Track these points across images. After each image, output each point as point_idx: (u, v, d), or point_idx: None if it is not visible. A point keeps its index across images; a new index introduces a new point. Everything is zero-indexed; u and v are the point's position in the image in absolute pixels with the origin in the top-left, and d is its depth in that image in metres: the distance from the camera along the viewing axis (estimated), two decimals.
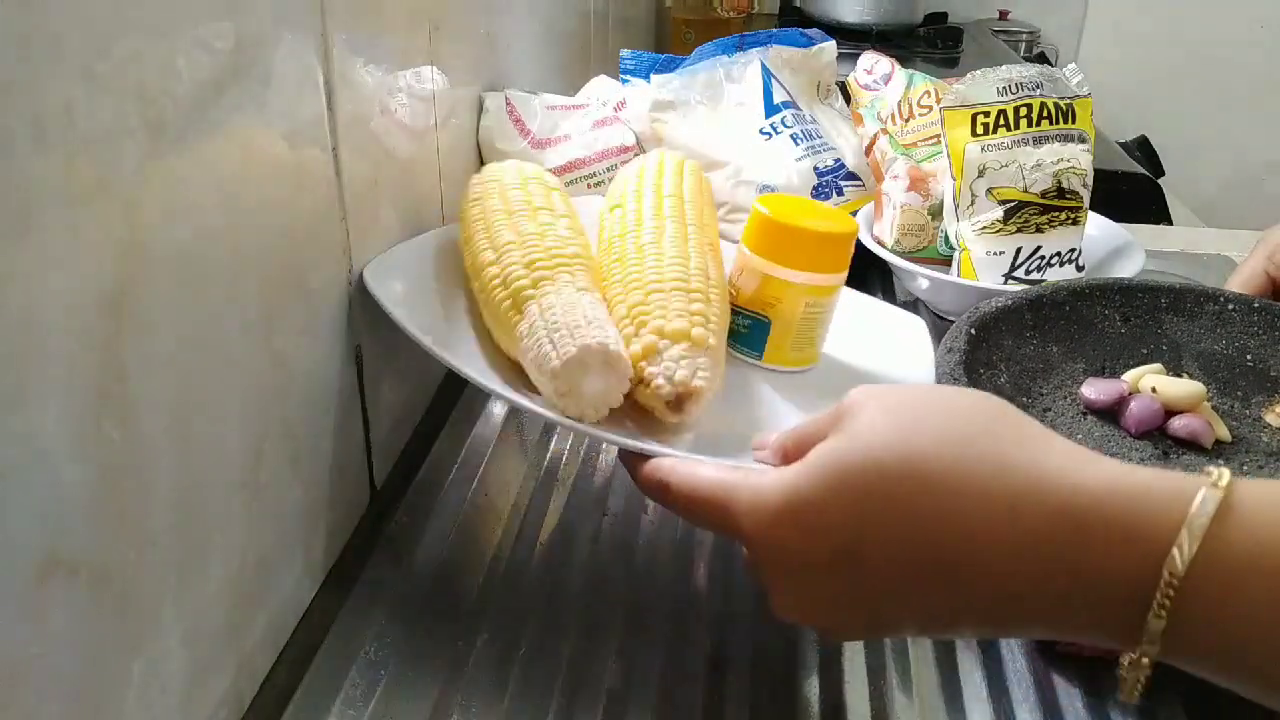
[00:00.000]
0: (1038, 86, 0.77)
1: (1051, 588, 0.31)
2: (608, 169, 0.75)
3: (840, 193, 0.77)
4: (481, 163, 0.73)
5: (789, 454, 0.39)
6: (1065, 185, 0.71)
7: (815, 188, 0.76)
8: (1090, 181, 0.72)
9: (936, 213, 0.75)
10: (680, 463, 0.40)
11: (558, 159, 0.73)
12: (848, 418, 0.35)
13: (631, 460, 0.42)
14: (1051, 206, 0.70)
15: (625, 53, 0.81)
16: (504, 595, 0.48)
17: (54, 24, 0.27)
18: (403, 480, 0.56)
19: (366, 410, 0.52)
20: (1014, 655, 0.44)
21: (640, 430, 0.46)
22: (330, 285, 0.47)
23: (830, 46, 0.86)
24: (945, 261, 0.74)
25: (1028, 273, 0.70)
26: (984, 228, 0.70)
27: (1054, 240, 0.70)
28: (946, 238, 0.74)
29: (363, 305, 0.50)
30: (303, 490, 0.45)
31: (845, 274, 0.55)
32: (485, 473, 0.56)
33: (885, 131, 0.84)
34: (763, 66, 0.81)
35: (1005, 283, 0.70)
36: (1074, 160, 0.76)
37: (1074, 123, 0.77)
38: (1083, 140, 0.77)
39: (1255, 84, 2.05)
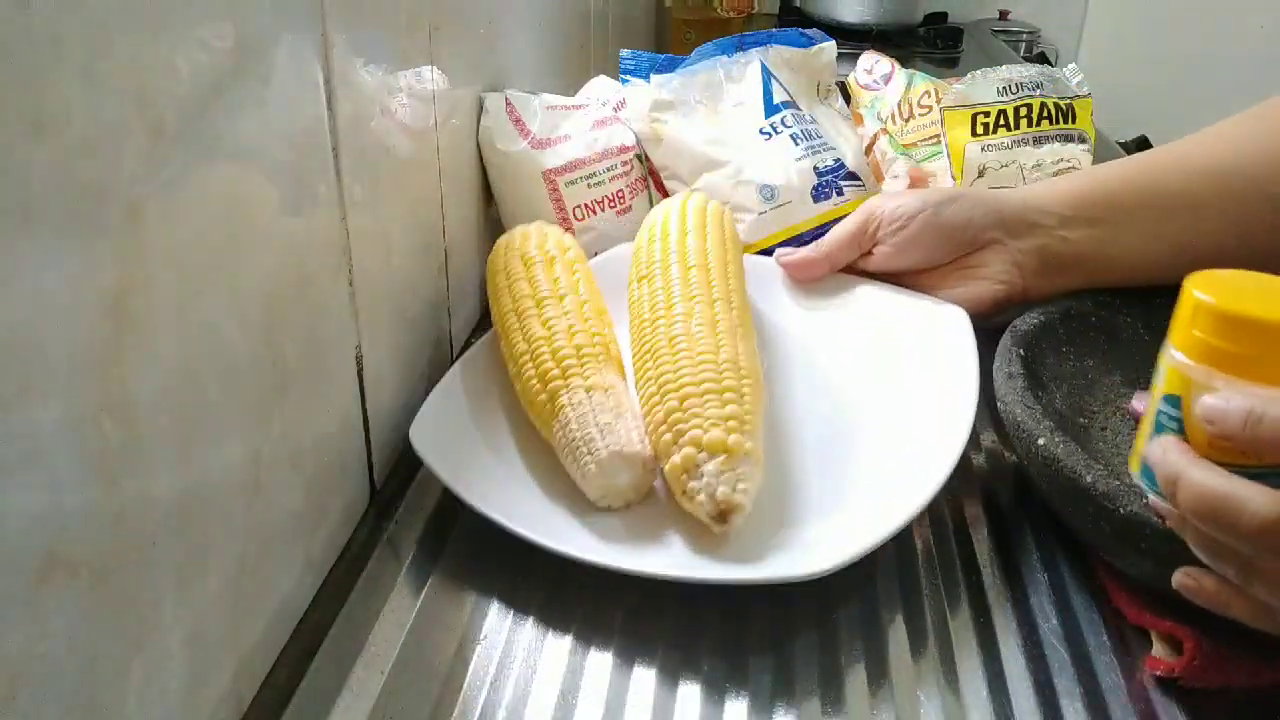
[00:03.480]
0: (1038, 86, 0.77)
1: None
2: (608, 169, 0.75)
3: (840, 193, 0.77)
4: (482, 163, 0.73)
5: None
6: None
7: (815, 188, 0.76)
8: None
9: None
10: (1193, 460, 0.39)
11: (558, 159, 0.73)
12: None
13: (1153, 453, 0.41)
14: None
15: (625, 53, 0.81)
16: (505, 594, 0.48)
17: (54, 24, 0.27)
18: (403, 480, 0.56)
19: (366, 410, 0.52)
20: (1014, 655, 0.44)
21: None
22: (330, 285, 0.47)
23: (830, 46, 0.86)
24: None
25: None
26: None
27: None
28: None
29: (362, 305, 0.50)
30: (303, 490, 0.45)
31: None
32: None
33: (885, 131, 0.84)
34: (762, 66, 0.81)
35: None
36: (1074, 160, 0.76)
37: (1074, 123, 0.77)
38: (1083, 140, 0.77)
39: (1255, 84, 2.04)
